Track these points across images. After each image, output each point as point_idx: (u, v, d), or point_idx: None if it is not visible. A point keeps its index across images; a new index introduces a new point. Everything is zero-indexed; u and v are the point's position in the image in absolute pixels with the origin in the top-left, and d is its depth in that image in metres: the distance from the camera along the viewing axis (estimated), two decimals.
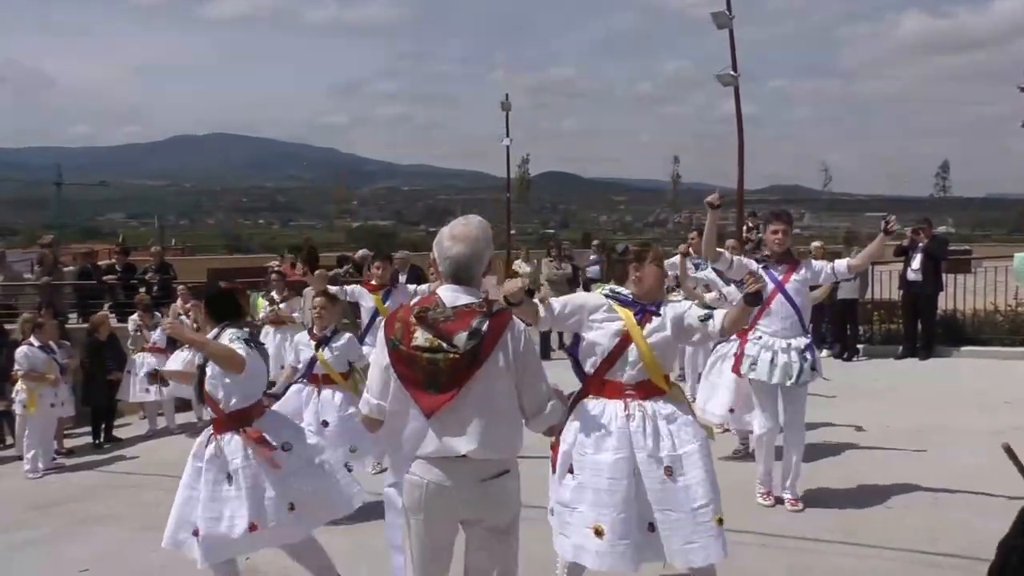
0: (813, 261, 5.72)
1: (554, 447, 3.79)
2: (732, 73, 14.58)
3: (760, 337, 5.44)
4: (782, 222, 5.53)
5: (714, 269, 6.72)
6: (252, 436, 4.05)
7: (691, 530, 3.52)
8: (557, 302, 3.86)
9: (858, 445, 6.87)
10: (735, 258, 5.49)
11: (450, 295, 2.99)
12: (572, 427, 3.72)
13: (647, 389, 3.69)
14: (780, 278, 5.41)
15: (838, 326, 11.53)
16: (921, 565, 4.55)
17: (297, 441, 4.24)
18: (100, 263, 15.08)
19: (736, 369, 5.67)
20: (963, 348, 11.07)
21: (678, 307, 3.81)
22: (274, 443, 4.04)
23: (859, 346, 11.50)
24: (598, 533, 3.52)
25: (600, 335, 3.72)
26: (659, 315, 3.73)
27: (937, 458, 6.45)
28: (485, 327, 2.91)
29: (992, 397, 8.55)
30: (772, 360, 5.31)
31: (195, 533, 4.09)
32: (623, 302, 3.77)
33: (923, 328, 11.09)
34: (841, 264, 5.53)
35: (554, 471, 3.77)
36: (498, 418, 2.97)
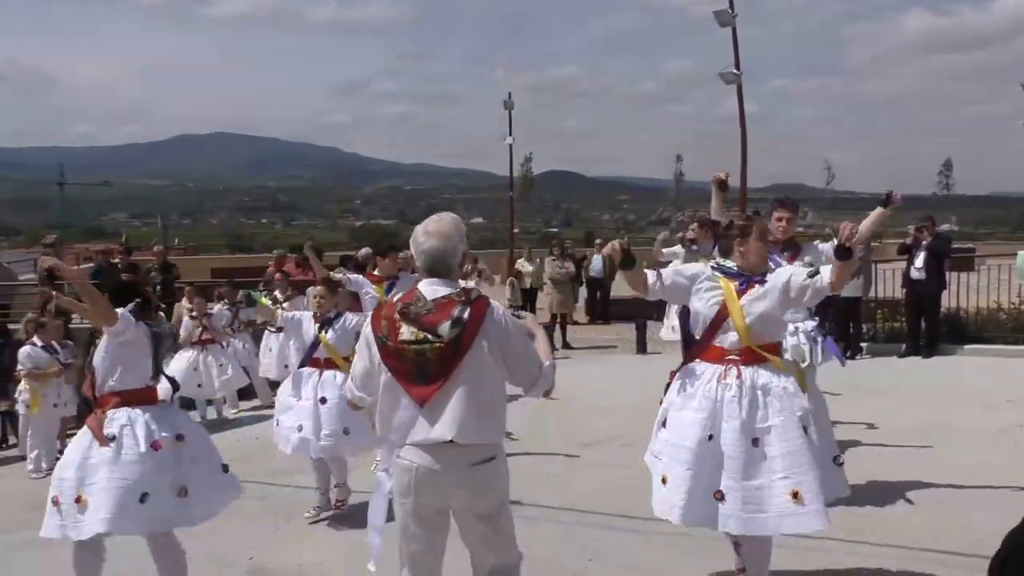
0: (816, 245, 5.70)
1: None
2: (735, 71, 14.58)
3: None
4: (787, 209, 5.52)
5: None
6: (91, 424, 4.18)
7: (761, 500, 3.64)
8: (667, 272, 4.14)
9: (861, 443, 6.86)
10: None
11: (429, 289, 3.17)
12: (674, 385, 4.08)
13: (747, 356, 3.84)
14: (783, 263, 5.40)
15: (841, 324, 11.52)
16: (926, 563, 4.54)
17: (192, 433, 4.43)
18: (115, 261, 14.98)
19: None
20: (966, 346, 11.04)
21: (782, 273, 3.93)
22: (111, 433, 4.11)
23: (862, 344, 11.49)
24: (663, 481, 3.88)
25: (703, 304, 3.96)
26: (763, 284, 3.90)
27: (941, 456, 6.44)
28: (466, 315, 3.07)
29: (995, 395, 8.54)
30: (781, 344, 5.29)
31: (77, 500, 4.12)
32: (728, 274, 3.97)
33: (927, 326, 11.08)
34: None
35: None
36: (485, 404, 3.12)
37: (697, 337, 4.02)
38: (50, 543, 5.79)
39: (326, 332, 5.88)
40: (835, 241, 5.58)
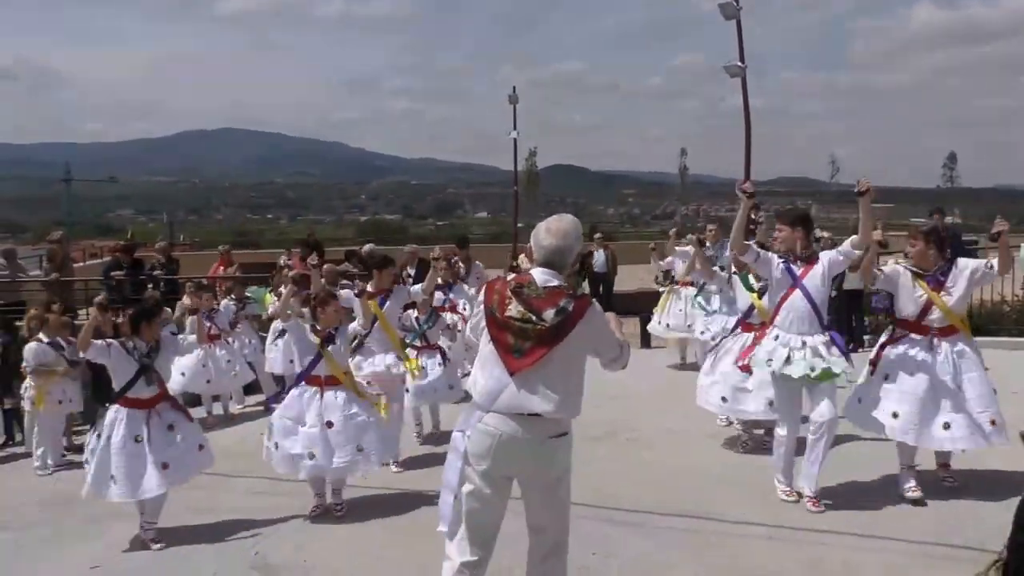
0: (826, 252, 5.66)
1: (872, 362, 5.62)
2: (739, 64, 14.52)
3: (777, 336, 5.42)
4: (783, 223, 5.55)
5: (735, 267, 6.75)
6: None
7: (970, 425, 5.31)
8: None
9: (867, 437, 6.83)
10: (761, 252, 5.50)
11: (542, 277, 3.50)
12: (895, 350, 5.50)
13: (946, 331, 5.42)
14: (799, 274, 5.38)
15: (843, 317, 11.48)
16: (933, 558, 4.54)
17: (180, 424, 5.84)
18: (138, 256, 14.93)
19: (746, 366, 5.64)
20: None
21: (965, 268, 5.41)
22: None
23: (864, 337, 11.45)
24: (895, 415, 5.36)
25: (910, 298, 5.46)
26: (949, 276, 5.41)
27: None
28: (571, 307, 3.40)
29: (1000, 388, 8.48)
30: (788, 358, 5.28)
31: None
32: (922, 276, 5.44)
33: None
34: (845, 245, 5.50)
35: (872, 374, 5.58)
36: (570, 385, 3.45)
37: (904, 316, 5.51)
38: (58, 540, 5.84)
39: (328, 347, 5.82)
40: (836, 247, 5.62)
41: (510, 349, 3.41)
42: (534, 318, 3.38)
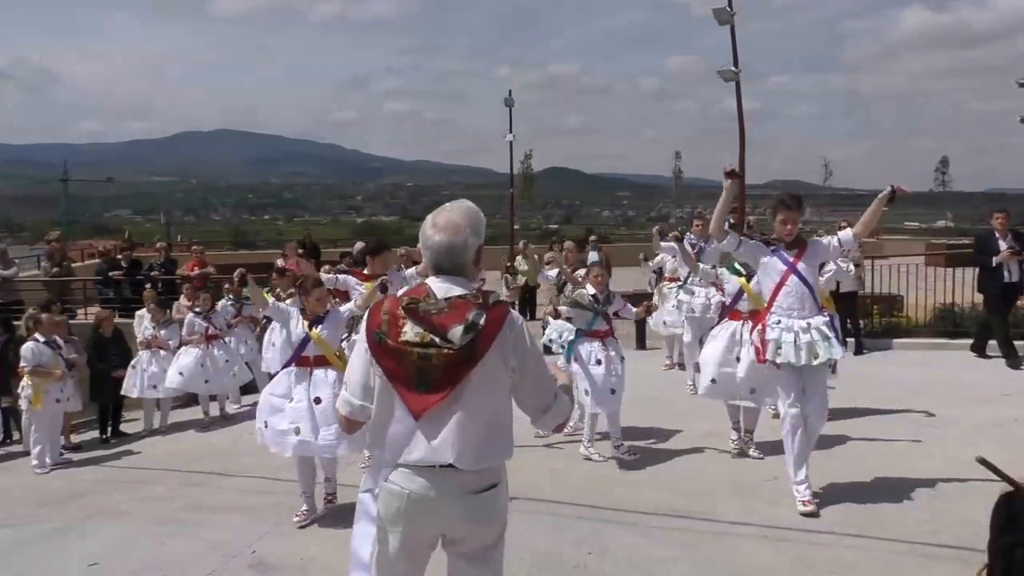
0: (819, 238, 5.71)
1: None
2: (733, 69, 14.62)
3: (779, 321, 5.40)
4: (790, 210, 5.47)
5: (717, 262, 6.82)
6: None
7: None
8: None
9: (859, 438, 6.90)
10: (743, 239, 5.52)
11: (441, 286, 2.74)
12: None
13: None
14: (791, 259, 5.42)
15: (839, 320, 11.54)
16: (924, 557, 4.57)
17: None
18: (138, 256, 15.01)
19: (761, 358, 5.60)
20: (962, 341, 11.11)
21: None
22: None
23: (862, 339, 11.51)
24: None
25: None
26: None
27: (937, 450, 6.47)
28: (483, 320, 2.65)
29: (992, 389, 8.60)
30: (795, 341, 5.29)
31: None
32: None
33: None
34: (846, 233, 5.53)
35: None
36: (492, 423, 2.74)
37: None
38: (56, 538, 5.87)
39: (317, 328, 5.78)
40: (836, 234, 5.66)
41: (411, 384, 2.65)
42: (437, 340, 2.63)
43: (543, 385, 2.83)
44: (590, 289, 7.04)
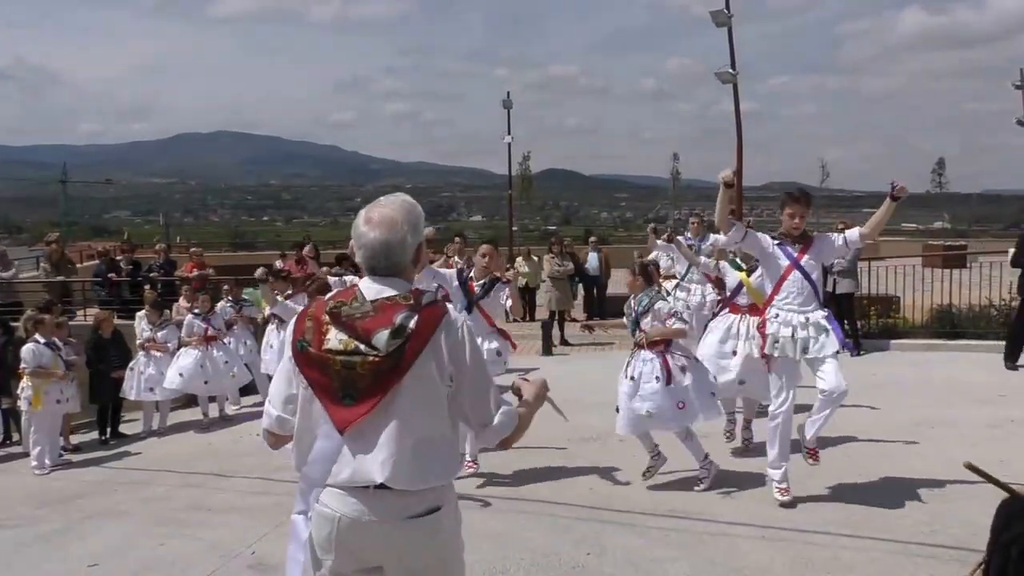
0: (826, 234, 5.71)
1: None
2: (731, 71, 14.64)
3: (777, 315, 5.43)
4: (799, 204, 5.46)
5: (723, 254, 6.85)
6: None
7: None
8: None
9: (857, 438, 6.92)
10: (748, 230, 5.52)
11: (371, 288, 2.49)
12: None
13: None
14: (795, 255, 5.43)
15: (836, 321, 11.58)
16: (920, 557, 4.59)
17: None
18: (139, 258, 15.02)
19: (762, 351, 5.62)
20: (959, 342, 11.19)
21: None
22: None
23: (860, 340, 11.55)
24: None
25: None
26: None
27: (934, 451, 6.50)
28: (412, 323, 2.40)
29: (987, 390, 8.63)
30: (793, 335, 5.32)
31: None
32: None
33: None
34: (853, 233, 5.53)
35: None
36: (428, 438, 2.45)
37: None
38: (55, 539, 5.88)
39: None
40: (844, 233, 5.66)
41: (335, 395, 2.40)
42: (361, 347, 2.38)
43: (483, 396, 2.53)
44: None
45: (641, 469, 6.10)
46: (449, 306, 2.56)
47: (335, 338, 2.41)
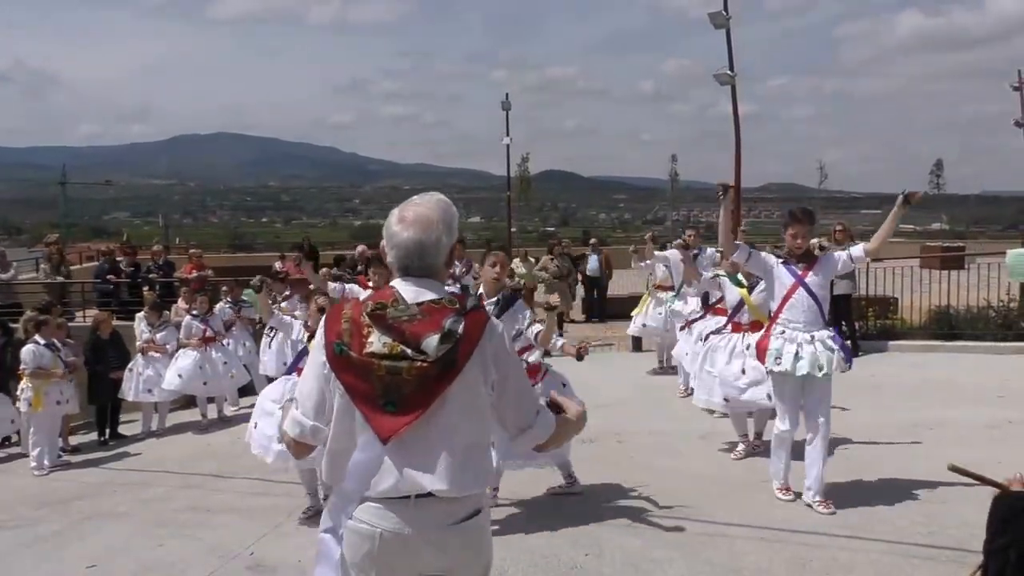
0: (830, 254, 5.70)
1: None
2: (729, 73, 14.64)
3: (783, 331, 5.41)
4: (801, 224, 5.46)
5: (728, 268, 6.81)
6: None
7: None
8: None
9: (854, 440, 6.92)
10: (752, 251, 5.52)
11: (410, 290, 2.37)
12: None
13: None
14: (800, 273, 5.42)
15: (833, 322, 11.59)
16: (918, 558, 4.60)
17: None
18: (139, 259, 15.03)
19: (760, 361, 5.62)
20: (957, 343, 11.19)
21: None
22: None
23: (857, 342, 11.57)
24: None
25: None
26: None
27: (932, 452, 6.49)
28: (461, 328, 2.30)
29: (986, 391, 8.63)
30: (797, 353, 5.29)
31: None
32: None
33: None
34: (857, 249, 5.51)
35: None
36: (472, 445, 2.36)
37: None
38: (54, 540, 5.89)
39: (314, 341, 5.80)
40: (848, 249, 5.64)
41: (376, 403, 2.27)
42: (409, 352, 2.26)
43: (524, 400, 2.47)
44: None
45: (640, 469, 6.11)
46: (488, 310, 2.45)
47: (379, 341, 2.29)
